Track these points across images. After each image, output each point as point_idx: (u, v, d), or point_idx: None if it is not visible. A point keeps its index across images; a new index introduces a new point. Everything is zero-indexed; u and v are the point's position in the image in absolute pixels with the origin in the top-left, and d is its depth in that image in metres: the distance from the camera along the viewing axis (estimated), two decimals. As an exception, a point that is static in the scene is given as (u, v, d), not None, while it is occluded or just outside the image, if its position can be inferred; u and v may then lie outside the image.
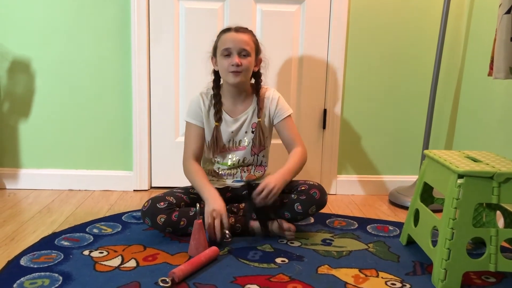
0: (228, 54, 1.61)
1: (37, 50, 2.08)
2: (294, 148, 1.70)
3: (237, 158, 1.71)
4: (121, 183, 2.19)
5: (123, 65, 2.11)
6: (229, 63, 1.60)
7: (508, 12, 1.49)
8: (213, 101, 1.69)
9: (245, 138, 1.71)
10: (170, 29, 2.10)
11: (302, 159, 1.68)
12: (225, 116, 1.69)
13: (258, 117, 1.70)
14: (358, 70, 2.18)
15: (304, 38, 2.14)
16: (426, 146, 2.10)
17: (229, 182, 1.73)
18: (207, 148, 1.72)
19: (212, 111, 1.69)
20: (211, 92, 1.70)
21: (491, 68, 1.61)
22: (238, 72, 1.61)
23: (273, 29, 2.11)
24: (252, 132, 1.71)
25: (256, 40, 1.68)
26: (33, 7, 2.04)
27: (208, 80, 1.72)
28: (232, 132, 1.69)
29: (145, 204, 1.56)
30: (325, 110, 2.20)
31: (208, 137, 1.70)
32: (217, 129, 1.68)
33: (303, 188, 1.62)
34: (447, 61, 2.17)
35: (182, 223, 1.55)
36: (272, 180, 1.55)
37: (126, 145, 2.18)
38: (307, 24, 2.12)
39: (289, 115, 1.73)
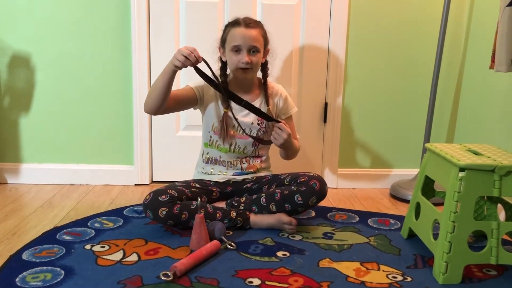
0: (237, 50, 1.63)
1: (37, 45, 2.07)
2: None
3: (238, 145, 1.73)
4: (122, 177, 2.19)
5: (124, 59, 2.10)
6: (239, 60, 1.63)
7: (510, 4, 1.48)
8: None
9: (250, 128, 1.72)
10: (170, 23, 2.09)
11: (298, 149, 1.76)
12: (232, 104, 1.71)
13: (268, 105, 1.73)
14: (359, 63, 2.18)
15: (305, 31, 2.13)
16: (427, 139, 2.10)
17: (229, 174, 1.74)
18: (219, 134, 1.72)
19: (220, 95, 1.71)
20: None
21: (492, 61, 1.61)
22: (247, 69, 1.64)
23: (274, 23, 2.10)
24: (258, 124, 1.73)
25: (265, 32, 1.70)
26: (33, 2, 2.03)
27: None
28: (237, 119, 1.70)
29: (147, 197, 1.56)
30: (326, 104, 2.19)
31: (215, 122, 1.72)
32: (226, 116, 1.70)
33: (303, 179, 1.62)
34: (448, 55, 2.16)
35: (183, 216, 1.56)
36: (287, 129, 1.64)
37: (127, 139, 2.18)
38: (307, 17, 2.12)
39: (293, 113, 1.81)
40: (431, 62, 2.09)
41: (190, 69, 1.56)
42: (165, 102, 1.58)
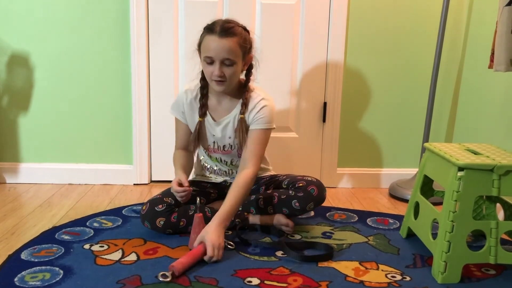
0: (211, 62, 1.49)
1: (36, 44, 2.07)
2: (244, 168, 1.54)
3: (224, 160, 1.68)
4: (121, 177, 2.19)
5: (123, 58, 2.10)
6: (212, 72, 1.49)
7: (509, 4, 1.48)
8: (198, 95, 1.61)
9: (229, 143, 1.64)
10: (169, 23, 2.09)
11: (246, 189, 1.51)
12: (208, 118, 1.62)
13: (241, 114, 1.57)
14: (358, 63, 2.17)
15: (304, 31, 2.13)
16: (426, 139, 2.10)
17: (227, 178, 1.73)
18: (193, 143, 1.65)
19: (195, 106, 1.62)
20: (198, 86, 1.62)
21: (491, 60, 1.61)
22: (221, 81, 1.51)
23: (273, 22, 2.10)
24: (236, 137, 1.62)
25: (244, 40, 1.51)
26: (32, 1, 2.03)
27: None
28: (214, 135, 1.63)
29: (144, 208, 1.55)
30: (325, 103, 2.19)
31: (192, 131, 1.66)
32: (200, 125, 1.61)
33: (300, 184, 1.60)
34: (447, 54, 2.16)
35: (181, 223, 1.55)
36: (211, 240, 1.38)
37: (126, 139, 2.18)
38: (306, 17, 2.11)
39: (266, 129, 1.58)
40: (430, 61, 2.10)
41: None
42: (193, 164, 1.70)
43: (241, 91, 1.60)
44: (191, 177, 1.80)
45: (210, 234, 1.39)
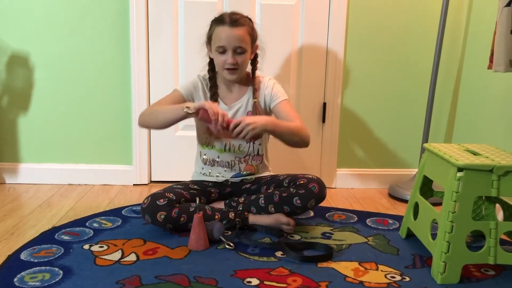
0: (223, 51, 1.59)
1: (36, 44, 2.07)
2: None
3: (232, 144, 1.71)
4: (121, 177, 2.19)
5: (123, 58, 2.10)
6: (224, 61, 1.60)
7: (508, 4, 1.49)
8: (208, 85, 1.70)
9: None
10: (169, 23, 2.09)
11: (298, 129, 1.60)
12: (220, 104, 1.69)
13: (254, 98, 1.69)
14: (357, 63, 2.18)
15: (304, 31, 2.13)
16: (425, 139, 2.10)
17: (228, 175, 1.73)
18: (202, 132, 1.72)
19: (206, 94, 1.70)
20: (207, 76, 1.71)
21: (491, 61, 1.61)
22: (233, 69, 1.61)
23: (273, 23, 2.10)
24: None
25: (252, 29, 1.64)
26: (32, 1, 2.03)
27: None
28: None
29: (145, 201, 1.55)
30: (324, 104, 2.19)
31: None
32: None
33: (302, 182, 1.61)
34: (447, 54, 2.16)
35: (182, 219, 1.55)
36: (253, 119, 1.49)
37: (126, 139, 2.18)
38: (306, 17, 2.12)
39: (287, 99, 1.70)
40: (430, 61, 2.10)
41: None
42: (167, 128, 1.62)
43: (249, 78, 1.72)
44: (192, 176, 1.81)
45: (254, 116, 1.55)
